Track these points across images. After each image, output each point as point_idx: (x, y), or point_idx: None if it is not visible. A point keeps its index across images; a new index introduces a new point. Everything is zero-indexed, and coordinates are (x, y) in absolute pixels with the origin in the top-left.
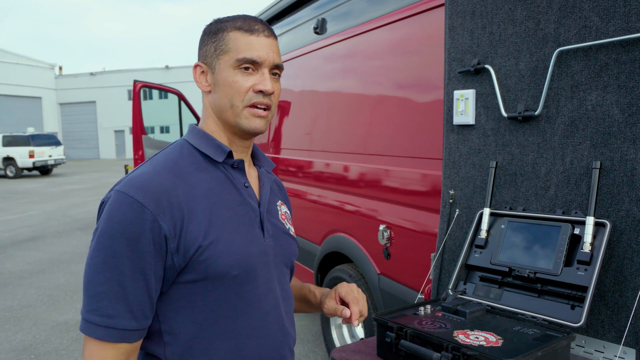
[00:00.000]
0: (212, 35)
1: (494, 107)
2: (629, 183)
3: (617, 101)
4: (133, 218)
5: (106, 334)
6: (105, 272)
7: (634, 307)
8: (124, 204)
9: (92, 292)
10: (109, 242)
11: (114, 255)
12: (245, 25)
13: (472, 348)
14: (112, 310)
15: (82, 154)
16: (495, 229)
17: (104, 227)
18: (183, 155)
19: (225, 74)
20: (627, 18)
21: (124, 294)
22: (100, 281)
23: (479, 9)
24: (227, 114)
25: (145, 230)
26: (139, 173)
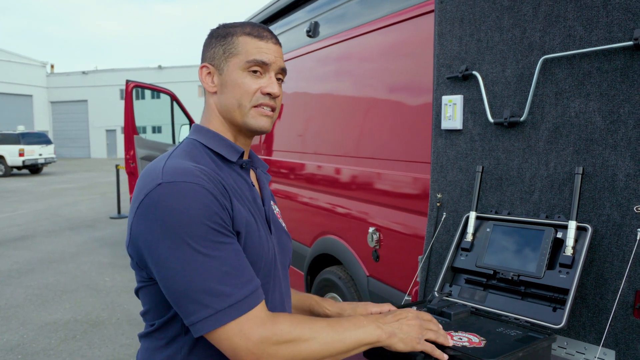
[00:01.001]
0: (221, 38)
1: (481, 112)
2: (610, 188)
3: (599, 109)
4: (204, 198)
5: (252, 300)
6: (214, 255)
7: (614, 309)
8: (189, 191)
9: (213, 281)
10: (199, 226)
11: (214, 234)
12: (254, 31)
13: (455, 348)
14: (244, 277)
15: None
16: (481, 232)
17: (178, 220)
18: (201, 153)
19: (234, 75)
20: (609, 28)
21: (242, 257)
22: (217, 265)
23: (467, 16)
24: (234, 114)
25: (222, 212)
26: (176, 164)
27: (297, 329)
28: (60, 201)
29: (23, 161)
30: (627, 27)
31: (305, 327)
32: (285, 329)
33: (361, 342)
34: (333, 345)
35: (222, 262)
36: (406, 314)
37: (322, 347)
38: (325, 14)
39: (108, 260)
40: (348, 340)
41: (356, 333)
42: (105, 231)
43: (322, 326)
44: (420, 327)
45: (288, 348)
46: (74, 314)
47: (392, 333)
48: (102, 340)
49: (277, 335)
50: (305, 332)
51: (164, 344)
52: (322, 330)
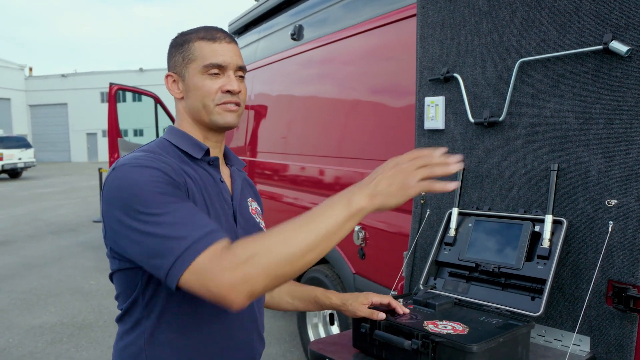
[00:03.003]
0: (179, 47)
1: (462, 113)
2: (583, 184)
3: (573, 109)
4: (156, 173)
5: (211, 237)
6: (167, 211)
7: (587, 297)
8: (137, 168)
9: (170, 232)
10: (149, 192)
11: (163, 196)
12: (207, 34)
13: (440, 335)
14: (202, 221)
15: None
16: (463, 228)
17: (131, 189)
18: (167, 151)
19: (195, 79)
20: (581, 33)
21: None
22: (170, 219)
23: (448, 21)
24: (201, 114)
25: (168, 179)
26: (137, 155)
27: (256, 241)
28: (41, 205)
29: (2, 165)
30: (597, 32)
31: (264, 236)
32: (242, 247)
33: (338, 221)
34: (305, 238)
35: (174, 216)
36: (382, 168)
37: (294, 246)
38: (309, 17)
39: (92, 264)
40: (321, 226)
41: (327, 215)
42: (88, 235)
43: (284, 227)
44: (406, 170)
45: (254, 263)
46: (60, 317)
47: (372, 194)
48: (90, 343)
49: (237, 256)
50: (264, 241)
51: (129, 327)
52: (284, 231)
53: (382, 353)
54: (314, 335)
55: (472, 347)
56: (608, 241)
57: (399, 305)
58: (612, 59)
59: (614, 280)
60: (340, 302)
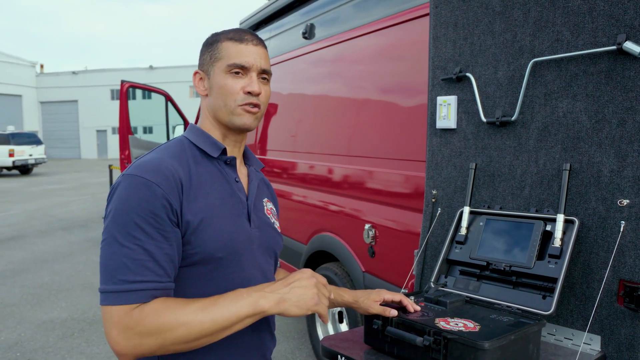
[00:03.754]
0: (209, 46)
1: (474, 112)
2: (595, 184)
3: (586, 109)
4: (148, 195)
5: (128, 297)
6: (126, 245)
7: (599, 297)
8: (137, 185)
9: (113, 267)
10: (127, 218)
11: (134, 228)
12: (236, 36)
13: (451, 332)
14: (136, 277)
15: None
16: (474, 226)
17: (120, 206)
18: (184, 149)
19: (218, 78)
20: (594, 33)
21: (149, 258)
22: (123, 254)
23: (461, 21)
24: (221, 113)
25: (159, 205)
26: (147, 159)
27: (162, 317)
28: (51, 202)
29: (13, 162)
30: (611, 32)
31: (172, 313)
32: (149, 319)
33: (239, 316)
34: (203, 326)
35: (128, 255)
36: (299, 276)
37: (191, 331)
38: (320, 16)
39: None
40: (221, 318)
41: (231, 309)
42: (98, 231)
43: (192, 309)
44: (316, 286)
45: (152, 339)
46: (71, 312)
47: (280, 300)
48: (100, 338)
49: (140, 326)
50: (170, 319)
51: None
52: (190, 314)
53: (393, 349)
54: (322, 333)
55: (484, 344)
56: (620, 241)
57: (411, 302)
58: (626, 60)
59: (625, 279)
60: (352, 299)
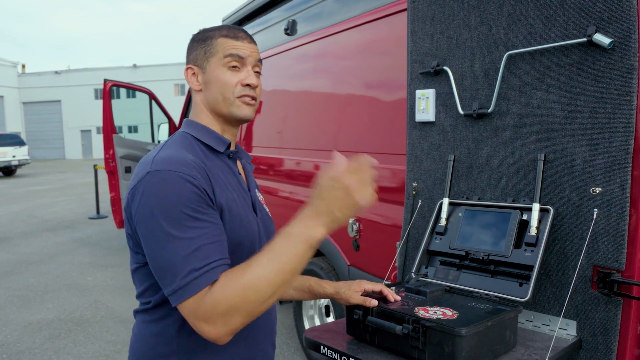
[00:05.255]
0: (201, 42)
1: (452, 105)
2: (569, 173)
3: (559, 100)
4: (186, 187)
5: (196, 285)
6: (184, 237)
7: (573, 283)
8: (172, 178)
9: (178, 262)
10: (176, 211)
11: (186, 219)
12: (230, 33)
13: (430, 320)
14: (201, 263)
15: (47, 154)
16: (453, 217)
17: (163, 202)
18: (192, 144)
19: (216, 72)
20: (566, 26)
21: (207, 242)
22: (184, 246)
23: (437, 15)
24: (220, 106)
25: (199, 193)
26: (165, 155)
27: (230, 291)
28: (36, 203)
29: None
30: (581, 24)
31: (236, 284)
32: (220, 299)
33: (301, 256)
34: (274, 279)
35: (189, 246)
36: (329, 188)
37: (263, 291)
38: (302, 12)
39: (89, 260)
40: (288, 265)
41: (291, 253)
42: (84, 232)
43: (254, 271)
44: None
45: (234, 314)
46: (57, 313)
47: (329, 222)
48: (87, 338)
49: (217, 307)
50: (237, 290)
51: (158, 317)
52: (255, 276)
53: (374, 338)
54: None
55: (461, 331)
56: (593, 228)
57: (391, 292)
58: (596, 51)
59: (598, 265)
60: (333, 290)
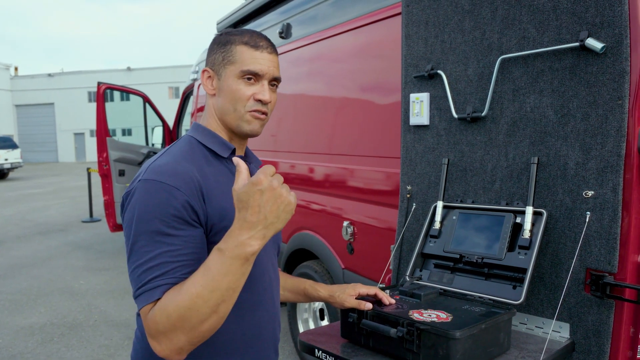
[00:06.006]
0: (221, 45)
1: (446, 109)
2: (562, 176)
3: (552, 104)
4: (167, 199)
5: (145, 297)
6: (151, 249)
7: (566, 285)
8: (156, 189)
9: (139, 271)
10: (150, 224)
11: (156, 233)
12: (251, 41)
13: (424, 323)
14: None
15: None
16: (447, 220)
17: (141, 212)
18: (194, 150)
19: (230, 81)
20: (559, 30)
21: (170, 259)
22: (148, 258)
23: (432, 19)
24: (229, 117)
25: (179, 207)
26: (161, 163)
27: (168, 308)
28: (29, 206)
29: None
30: (574, 29)
31: (174, 301)
32: (160, 316)
33: (238, 273)
34: (214, 300)
35: (149, 259)
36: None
37: (200, 309)
38: (297, 15)
39: (82, 263)
40: (224, 284)
41: (228, 273)
42: (78, 235)
43: (188, 290)
44: (280, 192)
45: (175, 333)
46: (50, 317)
47: (264, 233)
48: (80, 342)
49: (158, 325)
50: (175, 307)
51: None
52: (187, 296)
53: (369, 342)
54: (303, 329)
55: (456, 333)
56: (586, 231)
57: (385, 295)
58: (588, 56)
59: (591, 268)
60: (328, 294)
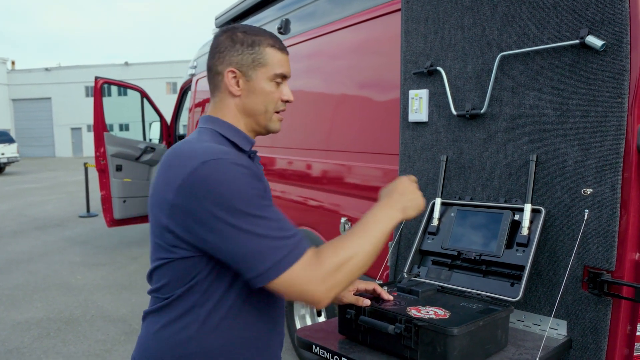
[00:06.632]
0: (249, 47)
1: (445, 105)
2: (561, 174)
3: (551, 101)
4: (245, 173)
5: (299, 249)
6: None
7: (564, 283)
8: (231, 167)
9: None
10: (250, 196)
11: (261, 201)
12: (277, 44)
13: (422, 320)
14: (292, 231)
15: (37, 152)
16: (446, 217)
17: (230, 191)
18: (221, 141)
19: (263, 84)
20: (559, 28)
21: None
22: (270, 224)
23: (431, 15)
24: (259, 117)
25: (256, 179)
26: (212, 146)
27: (340, 253)
28: (25, 201)
29: None
30: (574, 27)
31: (344, 249)
32: (331, 259)
33: (387, 231)
34: (371, 248)
35: (273, 221)
36: (403, 185)
37: (365, 255)
38: (296, 11)
39: (79, 258)
40: (378, 237)
41: (381, 227)
42: (75, 230)
43: (355, 239)
44: (416, 191)
45: (341, 272)
46: (47, 312)
47: (404, 208)
48: (77, 337)
49: (328, 267)
50: (346, 252)
51: (177, 315)
52: (358, 244)
53: (367, 338)
54: (300, 326)
55: (453, 330)
56: (584, 229)
57: (384, 291)
58: (588, 53)
59: (589, 266)
60: None
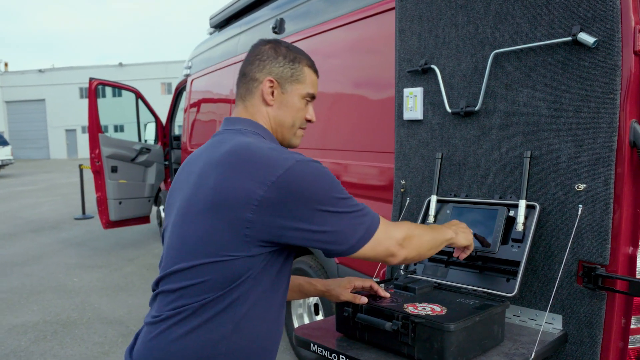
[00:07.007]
0: (290, 62)
1: (440, 103)
2: (555, 170)
3: (544, 98)
4: (328, 171)
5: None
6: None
7: (559, 277)
8: (318, 166)
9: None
10: (336, 186)
11: (343, 191)
12: (313, 66)
13: (419, 316)
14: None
15: (32, 154)
16: (441, 214)
17: (326, 184)
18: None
19: (295, 99)
20: (551, 25)
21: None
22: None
23: (425, 14)
24: (285, 130)
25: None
26: (290, 151)
27: (415, 229)
28: (20, 203)
29: None
30: (566, 24)
31: (415, 228)
32: (409, 229)
33: (442, 240)
34: (434, 241)
35: (351, 199)
36: (464, 225)
37: (429, 241)
38: (290, 10)
39: (75, 260)
40: (436, 238)
41: (444, 234)
42: (70, 232)
43: (426, 228)
44: (469, 232)
45: (414, 240)
46: (43, 315)
47: (458, 235)
48: (74, 340)
49: (408, 232)
50: (419, 231)
51: (209, 317)
52: (427, 231)
53: (364, 335)
54: (298, 324)
55: (450, 326)
56: (578, 224)
57: (381, 288)
58: (581, 50)
59: (583, 260)
60: (324, 287)
